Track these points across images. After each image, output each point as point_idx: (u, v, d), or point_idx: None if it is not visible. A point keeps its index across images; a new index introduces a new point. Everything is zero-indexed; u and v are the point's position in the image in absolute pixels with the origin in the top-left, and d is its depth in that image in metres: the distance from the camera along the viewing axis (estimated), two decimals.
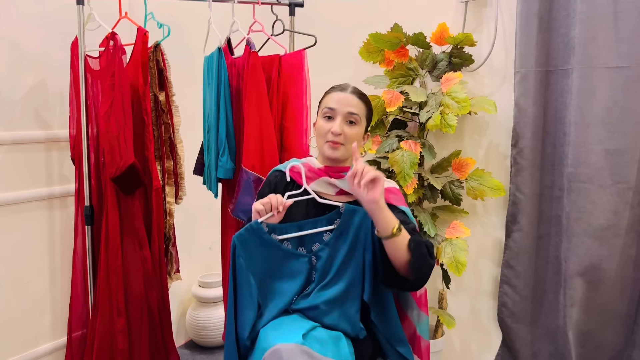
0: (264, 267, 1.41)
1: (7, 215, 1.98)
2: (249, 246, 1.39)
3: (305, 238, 1.43)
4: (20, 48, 1.99)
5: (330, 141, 1.42)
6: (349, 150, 1.44)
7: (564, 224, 2.01)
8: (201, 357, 2.62)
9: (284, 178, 1.50)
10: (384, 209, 1.29)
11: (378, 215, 1.29)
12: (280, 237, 1.41)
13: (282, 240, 1.41)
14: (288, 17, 2.19)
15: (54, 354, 2.17)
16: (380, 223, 1.29)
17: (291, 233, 1.42)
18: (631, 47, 1.85)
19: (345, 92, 1.45)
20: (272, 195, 1.41)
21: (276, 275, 1.42)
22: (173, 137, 2.07)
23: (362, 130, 1.47)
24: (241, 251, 1.39)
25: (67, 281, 2.12)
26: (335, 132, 1.41)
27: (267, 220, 1.40)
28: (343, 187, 1.46)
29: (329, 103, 1.44)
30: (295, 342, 1.20)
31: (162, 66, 2.01)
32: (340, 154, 1.44)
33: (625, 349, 2.02)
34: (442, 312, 2.19)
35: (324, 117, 1.44)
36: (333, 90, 1.48)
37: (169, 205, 2.09)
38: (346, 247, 1.40)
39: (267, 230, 1.40)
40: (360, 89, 1.49)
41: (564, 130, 2.02)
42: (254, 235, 1.39)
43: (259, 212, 1.39)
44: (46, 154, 2.10)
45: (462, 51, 2.13)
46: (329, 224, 1.42)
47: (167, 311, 2.07)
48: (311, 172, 1.48)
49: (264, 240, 1.40)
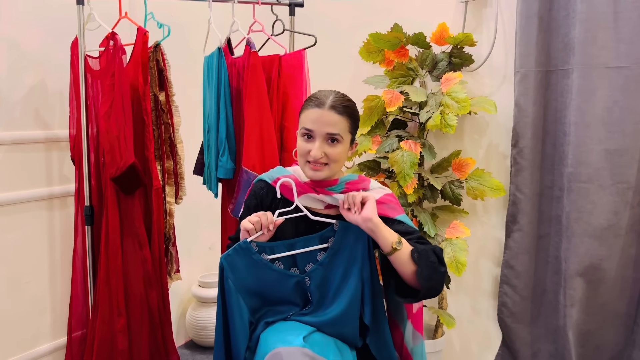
0: (256, 289, 1.34)
1: (7, 215, 1.98)
2: (238, 267, 1.33)
3: (297, 257, 1.36)
4: (20, 48, 1.99)
5: (311, 162, 1.34)
6: (334, 169, 1.36)
7: (564, 224, 2.01)
8: (201, 357, 2.62)
9: (270, 190, 1.43)
10: (380, 226, 1.27)
11: (376, 234, 1.27)
12: (270, 257, 1.35)
13: (272, 260, 1.35)
14: (288, 17, 2.19)
15: (54, 354, 2.17)
16: (380, 241, 1.27)
17: (282, 252, 1.35)
18: (631, 47, 1.85)
19: (323, 108, 1.31)
20: (262, 213, 1.34)
21: (269, 297, 1.35)
22: (173, 137, 2.07)
23: (347, 146, 1.36)
24: (229, 273, 1.32)
25: (67, 281, 2.12)
26: (315, 157, 1.31)
27: (256, 239, 1.34)
28: (330, 202, 1.39)
29: (306, 123, 1.33)
30: (297, 345, 1.19)
31: (162, 66, 2.01)
32: (325, 175, 1.35)
33: (625, 349, 2.02)
34: (442, 312, 2.19)
35: (302, 137, 1.34)
36: (309, 105, 1.34)
37: (169, 205, 2.09)
38: (342, 266, 1.35)
39: (257, 250, 1.34)
40: (342, 96, 1.36)
41: (564, 130, 2.02)
42: (243, 256, 1.33)
43: (248, 230, 1.32)
44: (46, 154, 2.10)
45: (462, 51, 2.13)
46: (323, 242, 1.37)
47: (167, 311, 2.07)
48: (298, 186, 1.39)
49: (253, 260, 1.33)
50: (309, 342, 1.23)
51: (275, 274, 1.35)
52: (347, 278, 1.35)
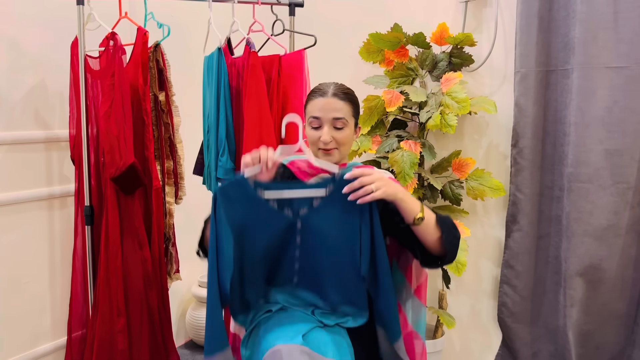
0: (243, 223, 1.30)
1: (7, 215, 1.98)
2: (231, 200, 1.28)
3: (293, 202, 1.32)
4: (20, 48, 1.99)
5: (322, 149, 1.40)
6: (343, 152, 1.42)
7: (564, 224, 2.01)
8: (201, 357, 2.62)
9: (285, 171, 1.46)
10: (405, 193, 1.28)
11: (399, 206, 1.28)
12: (266, 196, 1.30)
13: (267, 200, 1.31)
14: (288, 17, 2.19)
15: (54, 354, 2.17)
16: (407, 209, 1.27)
17: (278, 191, 1.31)
18: (631, 47, 1.85)
19: (327, 96, 1.40)
20: (263, 147, 1.33)
21: (255, 233, 1.31)
22: (173, 137, 2.07)
23: (352, 129, 1.44)
24: (222, 203, 1.28)
25: (67, 281, 2.12)
26: (325, 142, 1.39)
27: (254, 176, 1.30)
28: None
29: (313, 112, 1.41)
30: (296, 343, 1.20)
31: (162, 66, 2.01)
32: (337, 158, 1.42)
33: (625, 349, 2.02)
34: (442, 312, 2.19)
35: (311, 126, 1.42)
36: (314, 96, 1.43)
37: (169, 205, 2.09)
38: (338, 216, 1.31)
39: (253, 186, 1.30)
40: (341, 85, 1.45)
41: (564, 130, 2.02)
42: (237, 189, 1.29)
43: (246, 165, 1.31)
44: (46, 154, 2.10)
45: (462, 51, 2.13)
46: (321, 188, 1.32)
47: (167, 311, 2.07)
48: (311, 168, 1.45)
49: (247, 195, 1.29)
50: (308, 340, 1.23)
51: (267, 212, 1.31)
52: (341, 229, 1.31)
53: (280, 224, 1.33)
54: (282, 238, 1.34)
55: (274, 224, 1.32)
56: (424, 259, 1.37)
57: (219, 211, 1.28)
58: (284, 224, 1.33)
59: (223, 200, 1.28)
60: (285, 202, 1.32)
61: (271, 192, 1.31)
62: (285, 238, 1.34)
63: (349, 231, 1.31)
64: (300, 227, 1.33)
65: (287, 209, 1.33)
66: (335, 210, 1.31)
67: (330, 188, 1.32)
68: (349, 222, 1.31)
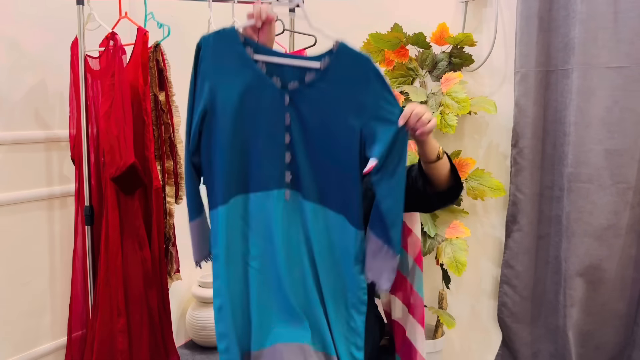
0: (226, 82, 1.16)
1: (7, 215, 1.98)
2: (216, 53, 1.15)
3: (283, 71, 1.17)
4: (20, 48, 1.99)
5: None
6: None
7: (564, 224, 2.01)
8: (201, 357, 2.62)
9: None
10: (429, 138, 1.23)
11: (428, 142, 1.23)
12: (254, 57, 1.15)
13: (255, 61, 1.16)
14: (288, 17, 2.18)
15: (54, 354, 2.17)
16: (431, 148, 1.24)
17: (269, 55, 1.16)
18: (631, 47, 1.85)
19: None
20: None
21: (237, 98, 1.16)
22: (173, 137, 2.07)
23: None
24: (205, 55, 1.15)
25: (67, 281, 2.12)
26: None
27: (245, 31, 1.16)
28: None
29: None
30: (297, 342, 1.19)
31: (162, 66, 2.01)
32: None
33: (626, 349, 2.02)
34: (442, 312, 2.19)
35: None
36: None
37: (169, 205, 2.09)
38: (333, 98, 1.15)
39: (243, 41, 1.15)
40: None
41: (564, 130, 2.02)
42: (225, 42, 1.15)
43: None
44: (46, 154, 2.10)
45: (462, 51, 2.13)
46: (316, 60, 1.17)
47: (167, 311, 2.07)
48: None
49: (235, 51, 1.15)
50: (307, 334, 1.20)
51: (254, 75, 1.16)
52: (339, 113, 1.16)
53: (266, 94, 1.17)
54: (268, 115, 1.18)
55: (259, 92, 1.17)
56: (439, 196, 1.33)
57: (202, 64, 1.16)
58: (270, 95, 1.17)
59: (206, 51, 1.16)
60: (274, 69, 1.17)
61: (261, 55, 1.16)
62: (272, 117, 1.18)
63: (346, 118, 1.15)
64: (288, 103, 1.18)
65: (276, 77, 1.18)
66: (332, 91, 1.16)
67: (326, 61, 1.17)
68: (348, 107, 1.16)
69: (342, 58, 1.16)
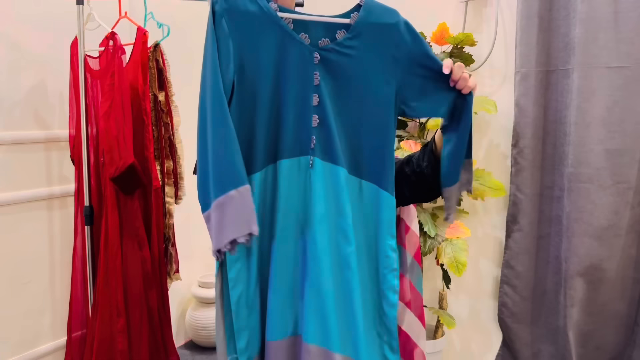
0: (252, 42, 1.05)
1: (7, 215, 1.98)
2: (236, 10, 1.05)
3: (310, 27, 1.08)
4: (20, 48, 1.99)
5: None
6: None
7: (564, 224, 2.01)
8: (201, 357, 2.62)
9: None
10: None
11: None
12: (279, 13, 1.07)
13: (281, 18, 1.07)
14: None
15: (54, 354, 2.17)
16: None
17: (293, 13, 1.08)
18: (631, 47, 1.85)
19: None
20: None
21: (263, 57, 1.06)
22: (172, 137, 2.07)
23: None
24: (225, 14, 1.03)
25: (67, 281, 2.12)
26: None
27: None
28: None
29: None
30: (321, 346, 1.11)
31: (162, 66, 2.01)
32: None
33: (626, 349, 2.02)
34: (442, 312, 2.19)
35: None
36: None
37: (169, 205, 2.09)
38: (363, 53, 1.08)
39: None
40: None
41: (564, 130, 2.02)
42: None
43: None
44: (46, 154, 2.10)
45: (462, 51, 2.13)
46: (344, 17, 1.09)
47: (166, 311, 2.07)
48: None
49: (257, 6, 1.05)
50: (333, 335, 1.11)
51: (280, 31, 1.07)
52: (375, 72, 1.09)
53: (294, 52, 1.08)
54: (296, 75, 1.09)
55: (287, 50, 1.08)
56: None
57: (220, 21, 1.04)
58: (298, 53, 1.08)
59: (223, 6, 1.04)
60: (301, 25, 1.08)
61: (285, 12, 1.08)
62: (300, 77, 1.09)
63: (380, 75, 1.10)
64: (318, 61, 1.10)
65: (304, 34, 1.09)
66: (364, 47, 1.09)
67: (355, 16, 1.09)
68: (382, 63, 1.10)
69: (371, 12, 1.09)
